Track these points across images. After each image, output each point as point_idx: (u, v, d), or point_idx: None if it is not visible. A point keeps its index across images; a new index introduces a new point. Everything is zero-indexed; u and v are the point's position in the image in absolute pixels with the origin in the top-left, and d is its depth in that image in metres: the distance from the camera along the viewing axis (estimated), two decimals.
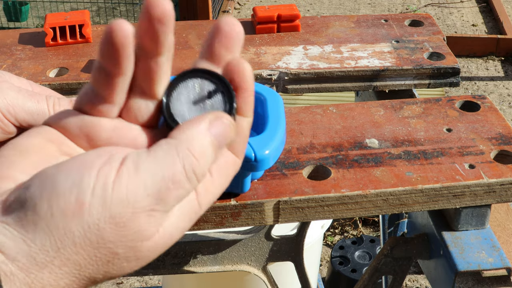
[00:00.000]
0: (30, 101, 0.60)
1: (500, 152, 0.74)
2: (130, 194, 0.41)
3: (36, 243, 0.40)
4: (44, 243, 0.40)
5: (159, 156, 0.42)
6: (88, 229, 0.40)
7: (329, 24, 1.04)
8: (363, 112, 0.81)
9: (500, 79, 3.37)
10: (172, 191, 0.42)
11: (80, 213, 0.40)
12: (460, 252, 0.72)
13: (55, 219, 0.40)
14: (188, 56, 0.94)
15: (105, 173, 0.41)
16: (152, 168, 0.42)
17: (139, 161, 0.42)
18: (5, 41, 0.99)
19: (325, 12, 4.02)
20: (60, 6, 3.90)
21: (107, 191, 0.40)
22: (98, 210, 0.40)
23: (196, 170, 0.43)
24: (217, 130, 0.44)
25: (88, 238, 0.40)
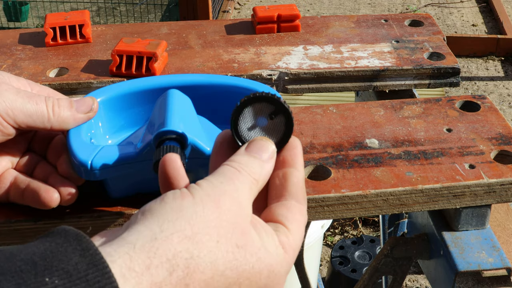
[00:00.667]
0: (29, 103, 0.60)
1: (500, 152, 0.74)
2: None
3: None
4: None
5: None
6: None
7: (329, 24, 1.04)
8: (363, 112, 0.81)
9: (500, 79, 3.37)
10: None
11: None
12: (460, 252, 0.72)
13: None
14: (188, 56, 0.94)
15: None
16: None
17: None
18: (5, 41, 0.99)
19: (325, 12, 4.02)
20: (60, 6, 3.90)
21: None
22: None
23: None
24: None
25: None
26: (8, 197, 0.63)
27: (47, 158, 0.65)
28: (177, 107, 0.63)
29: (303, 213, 0.51)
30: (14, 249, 0.39)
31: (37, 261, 0.38)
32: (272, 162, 0.52)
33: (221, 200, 0.46)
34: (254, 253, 0.45)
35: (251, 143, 0.52)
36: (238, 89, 0.71)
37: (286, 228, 0.49)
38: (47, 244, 0.39)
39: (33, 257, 0.38)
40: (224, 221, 0.45)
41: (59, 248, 0.39)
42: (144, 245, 0.41)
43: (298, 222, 0.50)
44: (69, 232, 0.41)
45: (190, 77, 0.73)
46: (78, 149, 0.61)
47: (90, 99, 0.65)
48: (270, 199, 0.52)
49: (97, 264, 0.38)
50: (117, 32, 1.01)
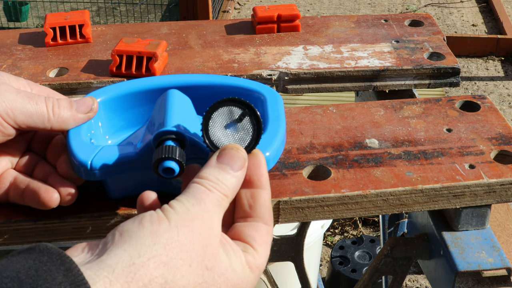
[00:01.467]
0: (29, 103, 0.60)
1: (500, 152, 0.74)
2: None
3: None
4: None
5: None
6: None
7: (329, 24, 1.04)
8: (363, 112, 0.81)
9: (500, 79, 3.37)
10: None
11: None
12: (460, 252, 0.72)
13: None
14: (188, 56, 0.94)
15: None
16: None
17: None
18: (5, 41, 0.99)
19: (325, 12, 4.02)
20: (60, 6, 3.90)
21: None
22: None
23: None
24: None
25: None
26: (8, 197, 0.63)
27: (47, 158, 0.65)
28: (177, 107, 0.63)
29: (270, 233, 0.53)
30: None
31: (23, 279, 0.40)
32: (243, 171, 0.54)
33: (194, 225, 0.48)
34: (221, 274, 0.48)
35: (222, 152, 0.54)
36: (238, 89, 0.71)
37: (254, 249, 0.52)
38: (31, 262, 0.41)
39: (18, 274, 0.40)
40: (196, 244, 0.47)
41: (43, 266, 0.41)
42: (123, 269, 0.44)
43: (266, 243, 0.53)
44: (52, 251, 0.42)
45: (190, 77, 0.73)
46: (78, 149, 0.61)
47: (90, 99, 0.65)
48: (238, 217, 0.54)
49: (79, 285, 0.41)
50: (117, 32, 1.01)
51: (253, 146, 0.56)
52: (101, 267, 0.43)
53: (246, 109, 0.56)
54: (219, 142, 0.56)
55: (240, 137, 0.56)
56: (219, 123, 0.56)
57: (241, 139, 0.56)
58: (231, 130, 0.56)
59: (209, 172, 0.52)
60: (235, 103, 0.55)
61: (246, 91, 0.71)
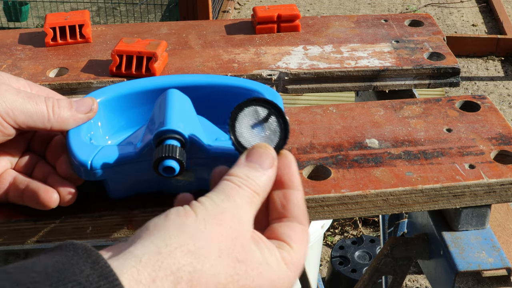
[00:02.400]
0: (29, 103, 0.60)
1: (500, 152, 0.74)
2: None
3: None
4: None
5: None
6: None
7: (329, 24, 1.04)
8: (363, 112, 0.81)
9: (500, 79, 3.37)
10: None
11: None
12: (460, 252, 0.72)
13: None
14: (188, 56, 0.94)
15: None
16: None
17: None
18: (5, 41, 0.99)
19: (325, 12, 4.02)
20: (60, 6, 3.90)
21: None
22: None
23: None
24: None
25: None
26: (8, 198, 0.63)
27: (46, 158, 0.65)
28: (176, 106, 0.63)
29: (306, 232, 0.52)
30: (25, 262, 0.40)
31: (51, 273, 0.39)
32: (274, 170, 0.53)
33: (222, 218, 0.47)
34: (255, 267, 0.47)
35: (250, 151, 0.53)
36: (238, 89, 0.71)
37: (289, 246, 0.50)
38: (57, 257, 0.41)
39: (46, 269, 0.40)
40: (225, 237, 0.46)
41: (70, 260, 0.41)
42: (150, 258, 0.43)
43: (301, 241, 0.51)
44: (78, 246, 0.42)
45: (189, 77, 0.73)
46: (78, 149, 0.61)
47: (90, 99, 0.65)
48: (272, 219, 0.53)
49: (107, 276, 0.40)
50: (117, 32, 1.01)
51: (281, 146, 0.55)
52: (128, 257, 0.43)
53: (272, 109, 0.55)
54: (247, 142, 0.55)
55: (268, 137, 0.55)
56: (246, 123, 0.55)
57: (269, 139, 0.55)
58: (258, 130, 0.55)
59: (239, 170, 0.52)
60: (261, 103, 0.55)
61: (245, 91, 0.71)
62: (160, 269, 0.43)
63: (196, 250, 0.45)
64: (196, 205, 0.48)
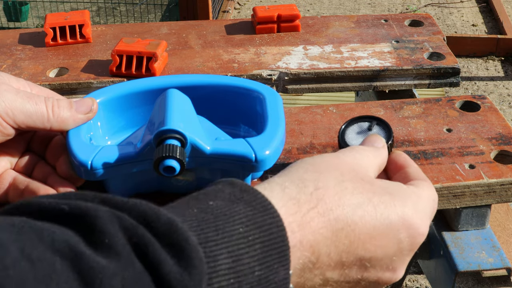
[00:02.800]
0: (28, 103, 0.60)
1: (500, 152, 0.74)
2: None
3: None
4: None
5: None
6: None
7: (329, 24, 1.04)
8: (363, 112, 0.81)
9: (500, 79, 3.37)
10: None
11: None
12: (460, 252, 0.72)
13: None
14: (188, 56, 0.94)
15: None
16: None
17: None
18: (5, 41, 0.99)
19: (325, 12, 4.02)
20: (60, 6, 3.90)
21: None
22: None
23: None
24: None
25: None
26: (7, 198, 0.63)
27: (46, 158, 0.65)
28: (176, 106, 0.63)
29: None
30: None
31: (197, 196, 0.43)
32: (385, 150, 0.56)
33: (340, 163, 0.50)
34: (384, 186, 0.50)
35: (365, 140, 0.58)
36: (238, 89, 0.71)
37: (425, 181, 0.53)
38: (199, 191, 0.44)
39: (191, 196, 0.43)
40: (345, 169, 0.49)
41: (211, 189, 0.44)
42: (279, 175, 0.47)
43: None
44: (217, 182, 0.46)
45: (189, 77, 0.73)
46: (78, 150, 0.61)
47: (89, 100, 0.65)
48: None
49: (247, 190, 0.43)
50: (117, 32, 1.01)
51: (390, 146, 0.59)
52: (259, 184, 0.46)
53: (373, 120, 0.63)
54: (350, 143, 0.62)
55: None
56: (352, 134, 0.63)
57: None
58: (363, 136, 0.62)
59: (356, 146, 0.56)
60: (363, 120, 0.63)
61: (245, 90, 0.71)
62: (286, 179, 0.46)
63: (317, 168, 0.48)
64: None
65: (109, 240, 0.36)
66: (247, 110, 0.71)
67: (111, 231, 0.36)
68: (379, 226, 0.46)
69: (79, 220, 0.37)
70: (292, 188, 0.45)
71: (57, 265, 0.33)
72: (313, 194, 0.45)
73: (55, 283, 0.33)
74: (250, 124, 0.71)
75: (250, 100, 0.70)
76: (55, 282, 0.33)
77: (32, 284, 0.32)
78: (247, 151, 0.61)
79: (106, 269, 0.34)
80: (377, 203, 0.47)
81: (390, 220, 0.47)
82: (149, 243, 0.37)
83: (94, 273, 0.34)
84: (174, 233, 0.38)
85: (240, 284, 0.39)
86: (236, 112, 0.72)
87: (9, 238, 0.34)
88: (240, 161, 0.61)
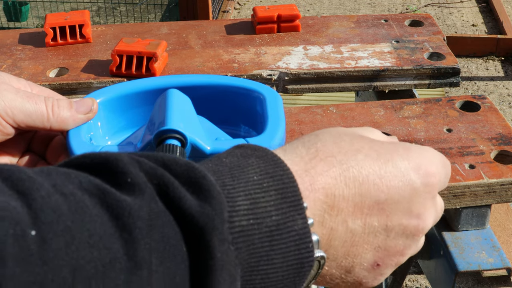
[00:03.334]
0: (28, 103, 0.60)
1: (500, 152, 0.74)
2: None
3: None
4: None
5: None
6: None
7: (329, 24, 1.04)
8: (363, 112, 0.81)
9: (500, 79, 3.37)
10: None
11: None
12: (460, 252, 0.72)
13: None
14: (188, 56, 0.94)
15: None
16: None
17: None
18: (5, 41, 0.99)
19: (325, 12, 4.02)
20: (60, 6, 3.90)
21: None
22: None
23: None
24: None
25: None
26: None
27: (46, 158, 0.65)
28: (176, 106, 0.63)
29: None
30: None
31: (210, 158, 0.43)
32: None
33: (340, 129, 0.50)
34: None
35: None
36: (238, 89, 0.71)
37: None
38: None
39: (204, 159, 0.44)
40: (344, 131, 0.49)
41: (222, 152, 0.45)
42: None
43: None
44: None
45: (189, 78, 0.73)
46: (78, 150, 0.61)
47: (89, 100, 0.65)
48: None
49: (257, 148, 0.44)
50: (117, 32, 1.01)
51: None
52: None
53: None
54: None
55: None
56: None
57: None
58: None
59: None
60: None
61: (245, 91, 0.71)
62: (289, 143, 0.47)
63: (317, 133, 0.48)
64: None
65: (131, 179, 0.37)
66: (247, 110, 0.71)
67: (133, 171, 0.38)
68: (385, 167, 0.46)
69: (102, 167, 0.38)
70: (292, 149, 0.46)
71: (86, 201, 0.35)
72: (311, 148, 0.46)
73: (88, 215, 0.34)
74: (250, 124, 0.71)
75: (250, 100, 0.70)
76: (88, 214, 0.34)
77: (67, 213, 0.33)
78: None
79: (132, 204, 0.36)
80: (378, 148, 0.47)
81: (394, 162, 0.46)
82: (168, 183, 0.38)
83: (122, 206, 0.35)
84: (192, 172, 0.39)
85: (260, 226, 0.40)
86: (236, 112, 0.72)
87: (41, 177, 0.35)
88: None
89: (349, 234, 0.45)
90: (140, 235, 0.35)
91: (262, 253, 0.40)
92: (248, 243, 0.39)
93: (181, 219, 0.37)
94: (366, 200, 0.45)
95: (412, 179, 0.46)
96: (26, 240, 0.31)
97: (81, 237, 0.33)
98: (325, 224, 0.44)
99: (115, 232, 0.34)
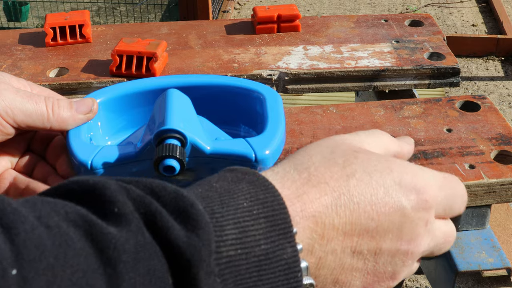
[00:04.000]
0: (28, 103, 0.60)
1: (500, 152, 0.74)
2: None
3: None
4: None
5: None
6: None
7: (329, 24, 1.04)
8: (363, 112, 0.81)
9: (500, 79, 3.37)
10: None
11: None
12: (460, 252, 0.72)
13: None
14: (188, 56, 0.94)
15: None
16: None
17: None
18: (5, 41, 0.99)
19: (325, 12, 4.02)
20: (60, 6, 3.90)
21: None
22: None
23: None
24: None
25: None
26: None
27: (46, 158, 0.65)
28: (176, 106, 0.63)
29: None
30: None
31: (199, 182, 0.43)
32: (409, 145, 0.56)
33: (332, 142, 0.50)
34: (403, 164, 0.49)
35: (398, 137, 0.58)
36: (238, 89, 0.71)
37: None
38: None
39: (193, 184, 0.43)
40: (336, 145, 0.49)
41: (212, 176, 0.44)
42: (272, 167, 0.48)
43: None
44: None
45: (189, 77, 0.73)
46: (78, 149, 0.61)
47: (90, 100, 0.65)
48: None
49: (248, 172, 0.44)
50: (117, 32, 1.01)
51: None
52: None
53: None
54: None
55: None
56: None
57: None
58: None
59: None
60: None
61: (245, 91, 0.71)
62: (279, 164, 0.47)
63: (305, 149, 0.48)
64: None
65: (118, 209, 0.37)
66: (247, 110, 0.71)
67: (120, 199, 0.37)
68: (376, 194, 0.45)
69: (89, 194, 0.38)
70: (284, 173, 0.45)
71: (71, 233, 0.35)
72: (303, 172, 0.45)
73: (72, 249, 0.34)
74: (250, 124, 0.71)
75: (250, 100, 0.70)
76: (72, 248, 0.34)
77: (50, 249, 0.33)
78: (247, 151, 0.61)
79: (118, 236, 0.35)
80: (372, 170, 0.46)
81: (386, 187, 0.45)
82: (156, 212, 0.37)
83: (107, 239, 0.35)
84: (180, 201, 0.38)
85: (248, 256, 0.39)
86: (236, 112, 0.72)
87: (26, 208, 0.35)
88: (240, 161, 0.61)
89: (338, 262, 0.44)
90: (125, 269, 0.35)
91: (250, 283, 0.39)
92: (235, 273, 0.39)
93: (168, 250, 0.37)
94: (356, 228, 0.44)
95: (403, 205, 0.46)
96: (6, 280, 0.31)
97: (64, 275, 0.33)
98: (314, 253, 0.44)
99: (99, 267, 0.34)
